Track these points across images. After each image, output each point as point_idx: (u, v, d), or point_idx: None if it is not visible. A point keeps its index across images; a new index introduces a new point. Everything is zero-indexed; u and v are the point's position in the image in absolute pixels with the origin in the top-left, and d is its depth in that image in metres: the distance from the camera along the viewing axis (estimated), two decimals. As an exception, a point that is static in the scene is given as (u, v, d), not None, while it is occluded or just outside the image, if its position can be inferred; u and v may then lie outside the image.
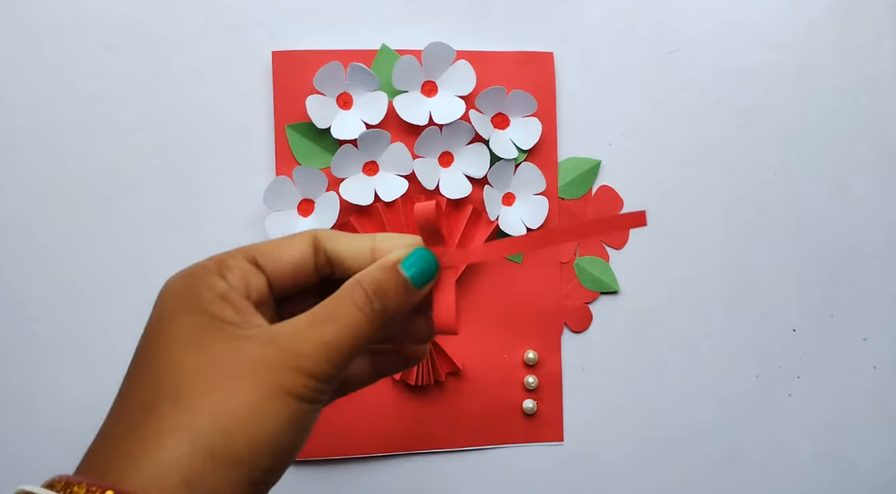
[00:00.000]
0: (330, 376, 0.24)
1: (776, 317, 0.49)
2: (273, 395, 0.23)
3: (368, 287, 0.25)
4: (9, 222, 0.43)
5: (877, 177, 0.50)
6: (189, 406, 0.22)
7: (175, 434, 0.22)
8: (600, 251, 0.48)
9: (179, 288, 0.25)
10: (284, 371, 0.23)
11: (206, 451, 0.22)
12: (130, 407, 0.24)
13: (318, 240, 0.27)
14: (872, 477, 0.50)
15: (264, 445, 0.23)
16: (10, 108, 0.43)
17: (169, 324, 0.24)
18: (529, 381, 0.46)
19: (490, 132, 0.45)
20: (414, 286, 0.26)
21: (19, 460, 0.43)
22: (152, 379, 0.24)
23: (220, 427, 0.22)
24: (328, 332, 0.24)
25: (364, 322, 0.24)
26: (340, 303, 0.25)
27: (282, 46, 0.45)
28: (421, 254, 0.26)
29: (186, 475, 0.21)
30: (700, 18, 0.49)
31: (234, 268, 0.26)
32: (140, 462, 0.22)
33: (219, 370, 0.23)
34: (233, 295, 0.25)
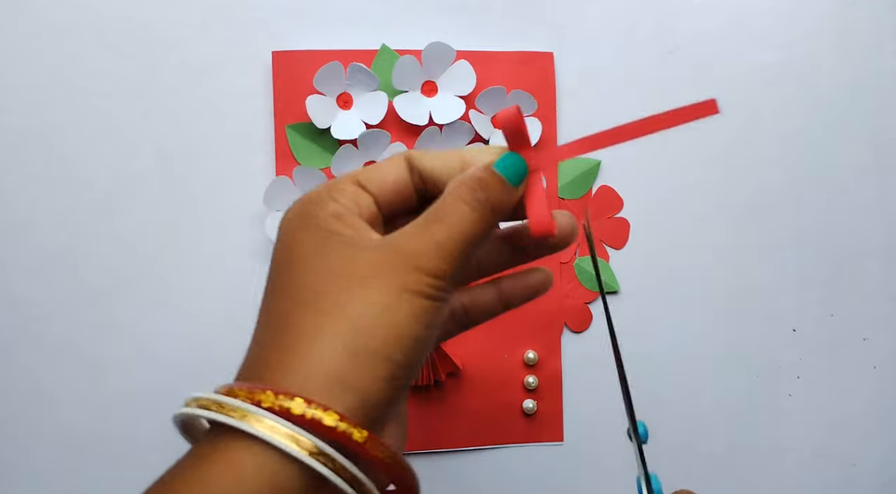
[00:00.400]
0: (446, 273, 0.25)
1: (776, 317, 0.49)
2: (399, 294, 0.24)
3: (469, 182, 0.26)
4: (9, 222, 0.43)
5: (877, 177, 0.50)
6: (325, 310, 0.24)
7: (318, 336, 0.24)
8: (600, 251, 0.48)
9: (297, 213, 0.27)
10: (405, 271, 0.25)
11: (346, 349, 0.24)
12: (272, 319, 0.26)
13: (411, 160, 0.29)
14: (872, 477, 0.50)
15: (398, 340, 0.24)
16: (10, 108, 0.43)
17: (293, 244, 0.26)
18: (529, 381, 0.46)
19: (490, 132, 0.45)
20: (510, 183, 0.27)
21: (20, 459, 0.43)
22: (287, 291, 0.26)
23: (357, 326, 0.24)
24: (438, 231, 0.25)
25: (470, 215, 0.26)
26: (446, 202, 0.26)
27: (282, 46, 0.45)
28: (510, 155, 0.27)
29: (333, 372, 0.23)
30: (700, 18, 0.49)
31: (343, 191, 0.27)
32: (290, 364, 0.24)
33: (346, 276, 0.25)
34: (345, 213, 0.27)
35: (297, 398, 0.23)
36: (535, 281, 0.31)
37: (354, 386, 0.23)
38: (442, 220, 0.26)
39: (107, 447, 0.44)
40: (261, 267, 0.45)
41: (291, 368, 0.24)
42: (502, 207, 0.27)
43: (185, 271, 0.44)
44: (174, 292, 0.44)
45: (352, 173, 0.28)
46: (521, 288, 0.31)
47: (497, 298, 0.31)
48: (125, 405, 0.44)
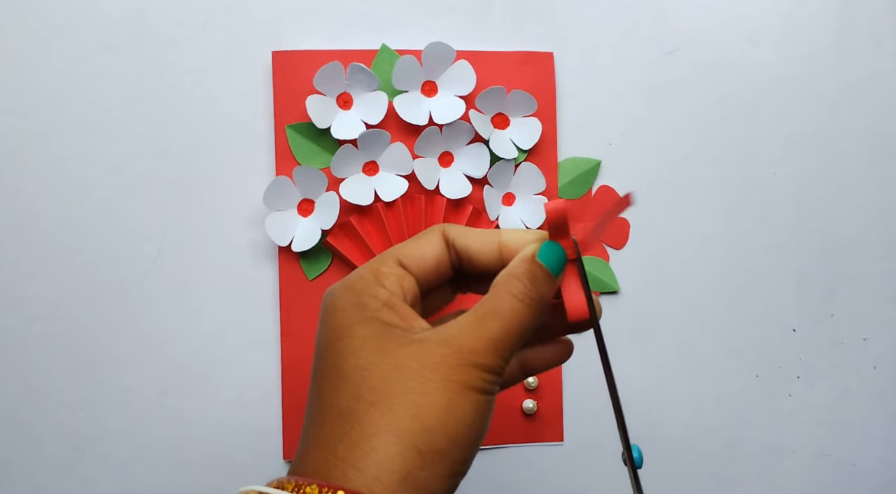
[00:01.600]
0: (501, 367, 0.26)
1: (776, 317, 0.49)
2: (460, 391, 0.25)
3: (523, 277, 0.27)
4: (9, 222, 0.43)
5: (877, 176, 0.50)
6: (389, 407, 0.24)
7: (383, 435, 0.24)
8: (600, 251, 0.48)
9: (347, 301, 0.27)
10: (464, 369, 0.25)
11: (413, 448, 0.24)
12: (331, 414, 0.26)
13: (447, 237, 0.29)
14: (872, 477, 0.50)
15: (461, 437, 0.25)
16: (10, 108, 0.43)
17: (348, 336, 0.26)
18: (529, 381, 0.46)
19: (490, 132, 0.45)
20: (553, 275, 0.28)
21: (20, 459, 0.43)
22: (345, 385, 0.26)
23: (421, 424, 0.24)
24: (494, 327, 0.26)
25: (524, 311, 0.26)
26: (500, 298, 0.27)
27: (282, 46, 0.45)
28: (551, 246, 0.28)
29: (401, 471, 0.23)
30: (700, 18, 0.49)
31: (389, 275, 0.28)
32: (358, 463, 0.24)
33: (406, 373, 0.25)
34: (395, 302, 0.27)
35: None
36: (555, 352, 0.32)
37: (421, 486, 0.24)
38: (497, 317, 0.26)
39: (107, 447, 0.44)
40: (261, 266, 0.45)
41: (360, 467, 0.24)
42: (548, 299, 0.28)
43: (185, 271, 0.44)
44: (174, 292, 0.44)
45: (392, 252, 0.29)
46: (542, 359, 0.32)
47: (519, 369, 0.32)
48: (125, 405, 0.44)
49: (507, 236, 0.29)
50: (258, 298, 0.45)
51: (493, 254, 0.29)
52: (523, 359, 0.32)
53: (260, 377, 0.45)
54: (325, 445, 0.25)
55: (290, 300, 0.44)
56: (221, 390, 0.45)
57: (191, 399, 0.44)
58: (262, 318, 0.45)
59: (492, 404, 0.26)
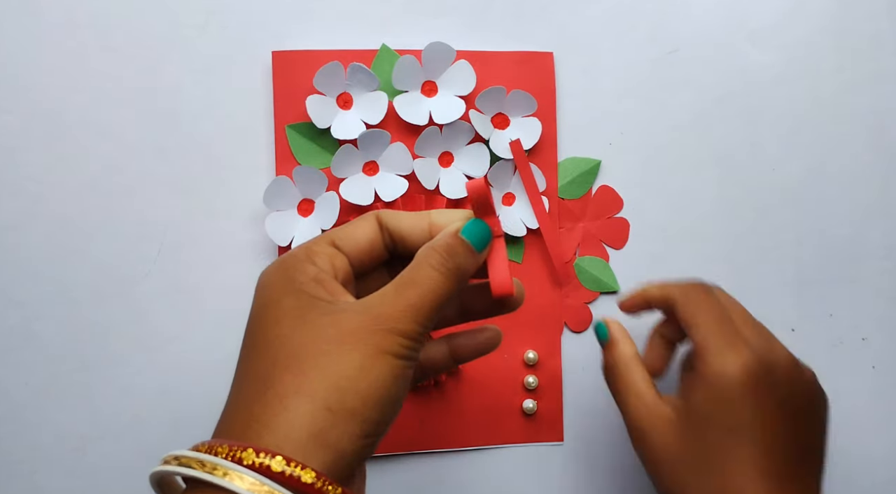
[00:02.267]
0: (418, 333, 0.27)
1: (775, 317, 0.49)
2: (375, 355, 0.26)
3: (441, 249, 0.28)
4: (9, 222, 0.43)
5: (877, 176, 0.50)
6: (303, 371, 0.26)
7: (296, 396, 0.25)
8: (600, 251, 0.48)
9: (277, 277, 0.29)
10: (381, 333, 0.26)
11: (325, 408, 0.25)
12: (251, 379, 0.27)
13: (381, 220, 0.31)
14: (871, 477, 0.50)
15: (373, 399, 0.26)
16: (10, 108, 0.43)
17: (274, 307, 0.28)
18: (529, 381, 0.46)
19: (490, 132, 0.45)
20: (475, 249, 0.29)
21: (20, 459, 0.43)
22: (266, 352, 0.27)
23: (334, 386, 0.25)
24: (412, 295, 0.27)
25: (441, 281, 0.28)
26: (419, 269, 0.28)
27: (282, 46, 0.45)
28: (475, 222, 0.30)
29: (311, 429, 0.25)
30: (700, 18, 0.49)
31: (320, 254, 0.29)
32: (270, 423, 0.25)
33: (325, 339, 0.26)
34: (324, 277, 0.28)
35: (277, 456, 0.24)
36: (484, 339, 0.34)
37: (332, 444, 0.25)
38: (415, 286, 0.28)
39: (107, 447, 0.44)
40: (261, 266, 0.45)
41: (272, 426, 0.25)
42: (468, 271, 0.29)
43: (184, 271, 0.44)
44: (174, 292, 0.44)
45: (327, 233, 0.30)
46: (471, 345, 0.34)
47: (449, 354, 0.33)
48: (125, 405, 0.44)
49: (437, 216, 0.31)
50: (258, 298, 0.45)
51: (424, 234, 0.30)
52: (453, 346, 0.33)
53: (260, 377, 0.45)
54: (242, 408, 0.26)
55: (290, 300, 0.44)
56: (221, 390, 0.44)
57: (191, 399, 0.44)
58: (263, 318, 0.45)
59: (408, 370, 0.27)
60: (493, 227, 0.30)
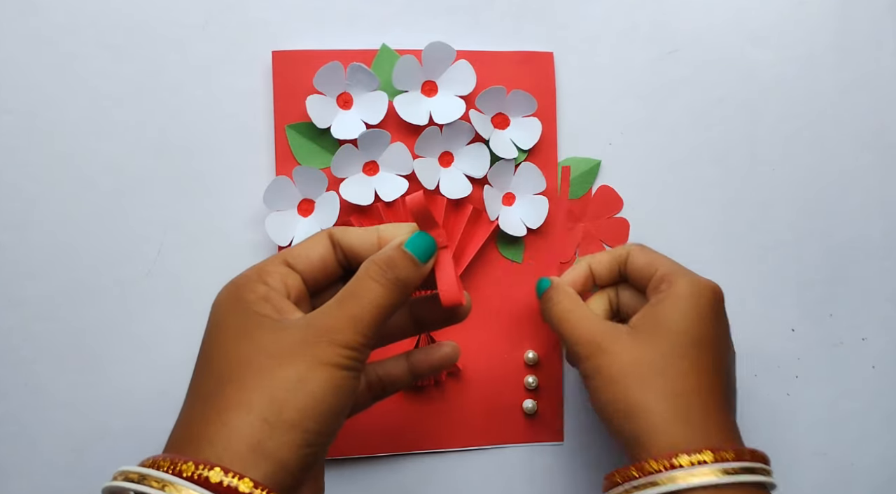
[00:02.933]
0: (360, 344, 0.28)
1: (775, 317, 0.50)
2: (313, 366, 0.26)
3: (380, 262, 0.29)
4: (9, 222, 0.43)
5: (877, 176, 0.50)
6: (244, 385, 0.26)
7: (235, 410, 0.26)
8: (600, 251, 0.48)
9: (228, 296, 0.30)
10: (320, 345, 0.27)
11: (262, 420, 0.25)
12: (197, 396, 0.28)
13: (333, 237, 0.32)
14: (871, 477, 0.50)
15: (311, 409, 0.26)
16: (10, 108, 0.43)
17: (223, 326, 0.29)
18: (529, 381, 0.46)
19: (490, 132, 0.45)
20: (419, 260, 0.30)
21: (20, 459, 0.43)
22: (211, 370, 0.28)
23: (271, 398, 0.26)
24: (352, 306, 0.28)
25: (381, 292, 0.28)
26: (359, 281, 0.29)
27: (282, 46, 0.45)
28: (418, 235, 0.30)
29: (249, 441, 0.25)
30: (700, 18, 0.49)
31: (272, 273, 0.30)
32: (211, 437, 0.25)
33: (266, 354, 0.27)
34: (273, 296, 0.29)
35: (215, 467, 0.24)
36: (441, 355, 0.35)
37: (271, 454, 0.25)
38: (355, 297, 0.28)
39: (107, 447, 0.44)
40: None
41: (213, 440, 0.25)
42: (410, 282, 0.30)
43: (184, 271, 0.44)
44: (174, 292, 0.44)
45: (280, 254, 0.31)
46: (428, 361, 0.34)
47: (407, 370, 0.34)
48: (125, 405, 0.44)
49: (385, 230, 0.32)
50: (258, 298, 0.45)
51: (374, 248, 0.31)
52: (412, 362, 0.34)
53: (260, 377, 0.45)
54: (188, 424, 0.27)
55: (290, 300, 0.44)
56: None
57: (191, 399, 0.44)
58: (263, 318, 0.45)
59: (351, 380, 0.28)
60: (438, 239, 0.31)
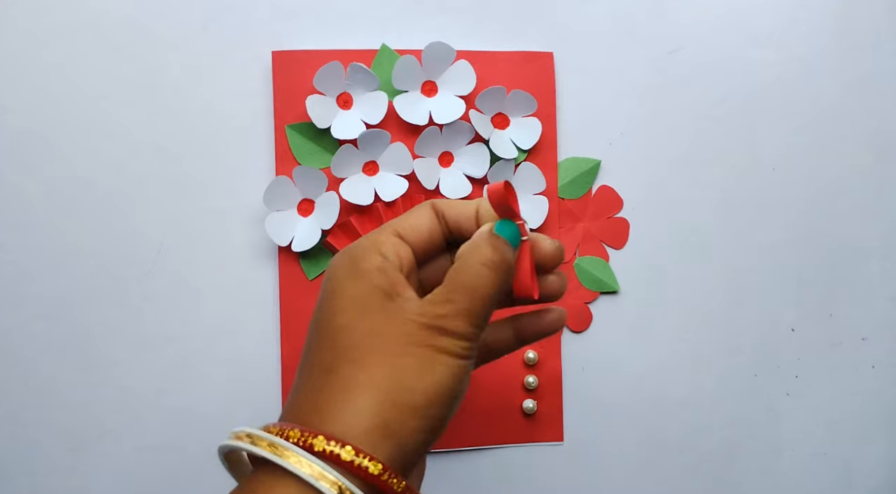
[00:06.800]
0: (472, 333, 0.28)
1: (775, 317, 0.50)
2: (435, 356, 0.27)
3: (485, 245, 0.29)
4: (9, 222, 0.43)
5: (876, 176, 0.50)
6: (367, 364, 0.26)
7: (361, 388, 0.26)
8: (600, 251, 0.48)
9: (345, 264, 0.29)
10: (435, 334, 0.27)
11: (389, 401, 0.26)
12: (316, 368, 0.28)
13: (437, 208, 0.31)
14: (870, 476, 0.50)
15: (436, 396, 0.27)
16: (10, 108, 0.43)
17: (340, 294, 0.29)
18: (529, 381, 0.46)
19: (490, 132, 0.45)
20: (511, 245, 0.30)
21: (20, 459, 0.43)
22: (332, 343, 0.28)
23: (398, 381, 0.26)
24: (463, 296, 0.28)
25: (490, 276, 0.28)
26: (466, 266, 0.29)
27: (282, 46, 0.45)
28: (505, 222, 0.30)
29: (377, 421, 0.25)
30: (700, 18, 0.49)
31: (386, 243, 0.30)
32: (337, 412, 0.26)
33: (386, 335, 0.27)
34: (388, 268, 0.29)
35: (347, 445, 0.24)
36: (550, 320, 0.34)
37: (395, 436, 0.26)
38: (464, 285, 0.28)
39: (107, 447, 0.44)
40: (261, 266, 0.45)
41: (337, 416, 0.26)
42: (511, 267, 0.29)
43: (184, 271, 0.44)
44: (174, 292, 0.44)
45: (390, 224, 0.31)
46: (536, 326, 0.34)
47: (514, 336, 0.34)
48: (124, 405, 0.44)
49: (482, 205, 0.31)
50: (258, 298, 0.45)
51: (474, 222, 0.31)
52: (518, 327, 0.34)
53: (260, 377, 0.45)
54: (309, 394, 0.27)
55: (290, 300, 0.44)
56: (221, 390, 0.45)
57: (190, 399, 0.44)
58: (262, 318, 0.45)
59: (466, 367, 0.28)
60: (521, 228, 0.30)
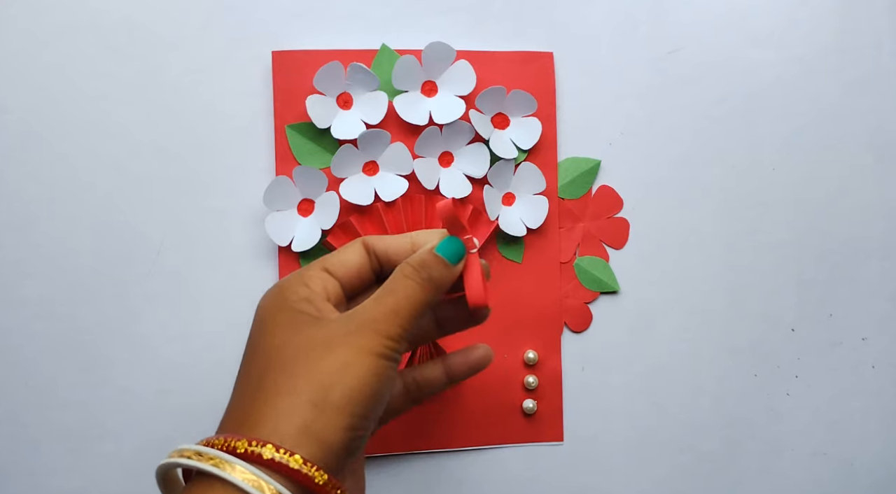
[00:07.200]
0: (399, 335, 0.30)
1: (775, 317, 0.50)
2: (358, 353, 0.29)
3: (414, 263, 0.32)
4: (9, 222, 0.43)
5: (876, 176, 0.50)
6: (293, 372, 0.28)
7: (284, 394, 0.28)
8: (600, 251, 0.48)
9: (272, 297, 0.32)
10: (364, 334, 0.29)
11: (310, 403, 0.27)
12: (248, 381, 0.30)
13: (367, 245, 0.34)
14: (870, 476, 0.50)
15: (356, 393, 0.28)
16: (10, 108, 0.43)
17: (269, 322, 0.31)
18: (529, 381, 0.46)
19: (490, 132, 0.45)
20: (449, 262, 0.32)
21: (19, 459, 0.43)
22: (261, 358, 0.30)
23: (318, 383, 0.28)
24: (391, 301, 0.30)
25: (416, 289, 0.31)
26: (395, 280, 0.31)
27: (282, 46, 0.45)
28: (449, 239, 0.32)
29: (298, 423, 0.27)
30: (700, 18, 0.49)
31: (313, 277, 0.32)
32: (262, 417, 0.27)
33: (313, 344, 0.29)
34: (314, 298, 0.31)
35: (267, 445, 0.26)
36: (475, 358, 0.36)
37: (318, 435, 0.27)
38: (393, 293, 0.31)
39: (107, 447, 0.44)
40: (261, 266, 0.45)
41: (264, 420, 0.27)
42: (442, 282, 0.32)
43: (184, 271, 0.44)
44: (174, 292, 0.44)
45: (320, 260, 0.33)
46: (464, 364, 0.36)
47: (443, 373, 0.36)
48: (124, 405, 0.44)
49: (417, 236, 0.34)
50: (258, 298, 0.45)
51: (408, 253, 0.33)
52: (448, 365, 0.36)
53: (260, 377, 0.45)
54: (238, 408, 0.29)
55: (290, 300, 0.44)
56: (221, 390, 0.44)
57: (190, 399, 0.44)
58: (263, 318, 0.45)
59: (391, 369, 0.30)
60: (467, 243, 0.33)
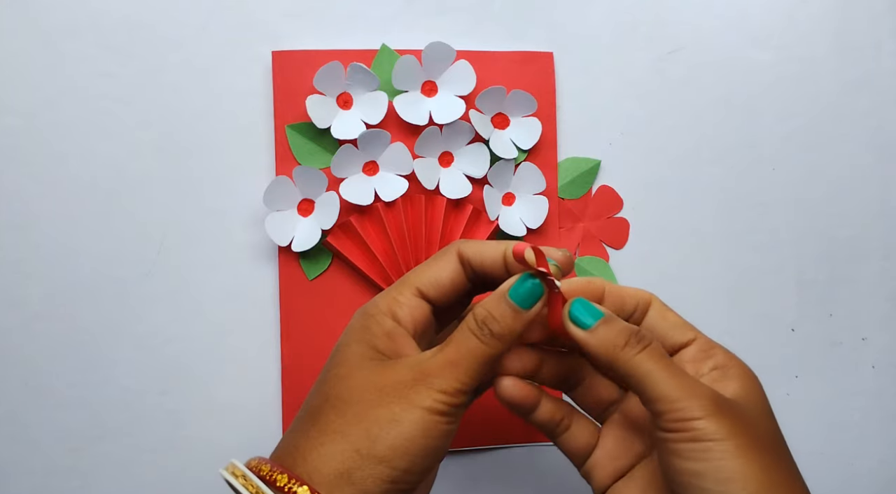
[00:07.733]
0: (456, 390, 0.29)
1: (775, 317, 0.50)
2: (408, 408, 0.28)
3: (479, 316, 0.30)
4: (9, 222, 0.43)
5: (876, 176, 0.50)
6: (345, 413, 0.28)
7: (333, 434, 0.28)
8: (600, 251, 0.48)
9: (359, 324, 0.31)
10: (418, 388, 0.28)
11: (354, 450, 0.27)
12: (308, 412, 0.30)
13: (463, 255, 0.32)
14: (870, 476, 0.50)
15: (401, 448, 0.27)
16: (10, 108, 0.43)
17: (345, 349, 0.31)
18: (529, 381, 0.46)
19: (490, 132, 0.45)
20: (522, 309, 0.30)
21: (19, 459, 0.43)
22: (323, 389, 0.30)
23: (367, 431, 0.28)
24: (450, 353, 0.29)
25: (479, 345, 0.29)
26: (460, 331, 0.30)
27: (282, 46, 0.45)
28: (521, 284, 0.30)
29: (339, 467, 0.27)
30: (700, 18, 0.49)
31: (403, 306, 0.31)
32: (308, 454, 0.28)
33: (370, 389, 0.29)
34: (397, 334, 0.31)
35: (304, 486, 0.26)
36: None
37: (358, 484, 0.27)
38: (456, 346, 0.29)
39: (107, 447, 0.44)
40: (261, 266, 0.45)
41: (307, 458, 0.28)
42: (507, 335, 0.30)
43: (185, 271, 0.44)
44: (174, 292, 0.44)
45: (411, 279, 0.32)
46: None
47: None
48: (125, 405, 0.44)
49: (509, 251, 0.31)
50: (258, 298, 0.45)
51: (501, 266, 0.31)
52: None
53: (259, 377, 0.45)
54: (293, 436, 0.29)
55: (290, 300, 0.44)
56: (221, 390, 0.45)
57: (190, 399, 0.44)
58: (262, 318, 0.45)
59: (444, 425, 0.28)
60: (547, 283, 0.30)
